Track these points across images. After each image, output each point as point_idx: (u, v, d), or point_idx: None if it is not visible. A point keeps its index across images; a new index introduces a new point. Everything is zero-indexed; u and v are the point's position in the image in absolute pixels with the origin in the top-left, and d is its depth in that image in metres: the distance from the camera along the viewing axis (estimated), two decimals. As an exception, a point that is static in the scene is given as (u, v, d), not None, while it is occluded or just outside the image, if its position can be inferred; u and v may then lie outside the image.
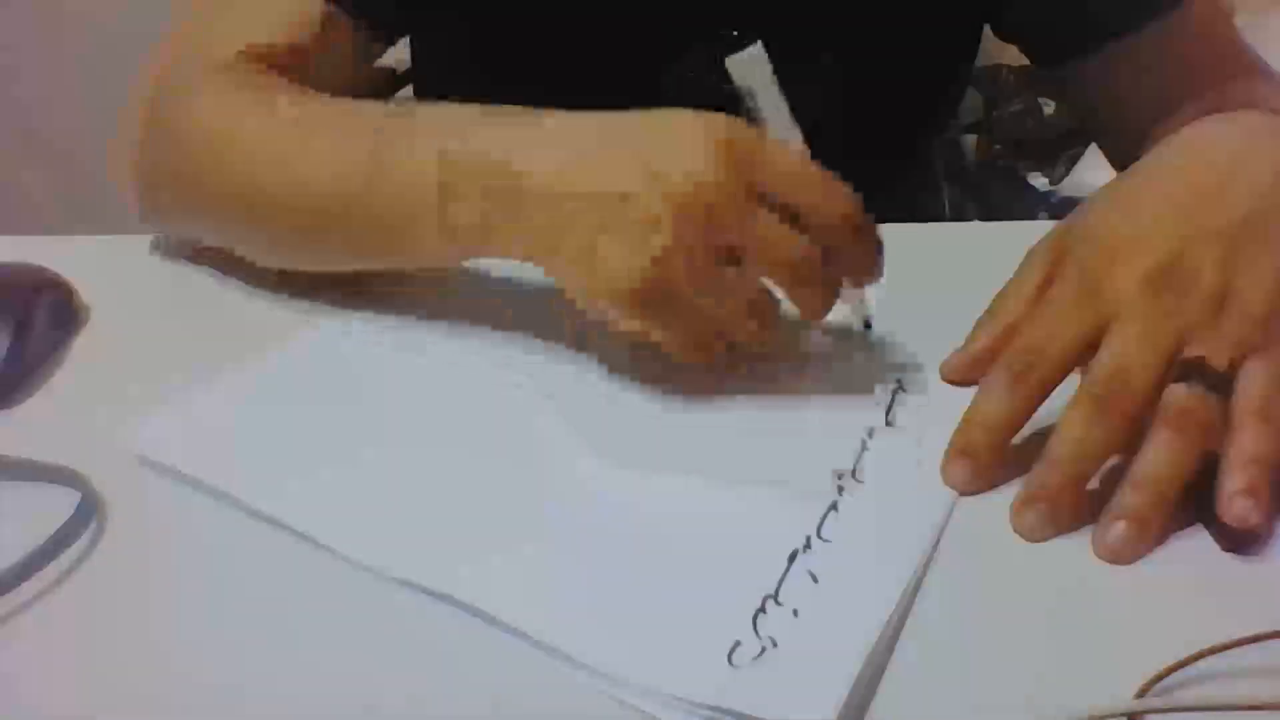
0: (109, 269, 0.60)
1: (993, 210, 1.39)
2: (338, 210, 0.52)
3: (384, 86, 0.93)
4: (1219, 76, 0.64)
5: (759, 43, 0.46)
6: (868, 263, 0.48)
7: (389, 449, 0.47)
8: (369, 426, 0.48)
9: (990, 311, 0.50)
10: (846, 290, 0.50)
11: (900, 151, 0.77)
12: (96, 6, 1.54)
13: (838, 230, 0.46)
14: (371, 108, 0.55)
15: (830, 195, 0.46)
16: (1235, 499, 0.40)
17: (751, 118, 0.47)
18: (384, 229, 0.51)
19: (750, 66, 0.46)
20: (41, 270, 0.56)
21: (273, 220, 0.55)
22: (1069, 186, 1.45)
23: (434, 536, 0.43)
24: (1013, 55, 0.73)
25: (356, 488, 0.45)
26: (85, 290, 0.58)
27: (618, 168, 0.46)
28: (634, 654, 0.37)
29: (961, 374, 0.50)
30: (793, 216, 0.46)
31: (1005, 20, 0.71)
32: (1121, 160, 0.51)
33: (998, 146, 1.53)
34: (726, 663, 0.37)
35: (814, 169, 0.46)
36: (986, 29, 0.74)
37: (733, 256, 0.46)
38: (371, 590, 0.41)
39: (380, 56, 0.70)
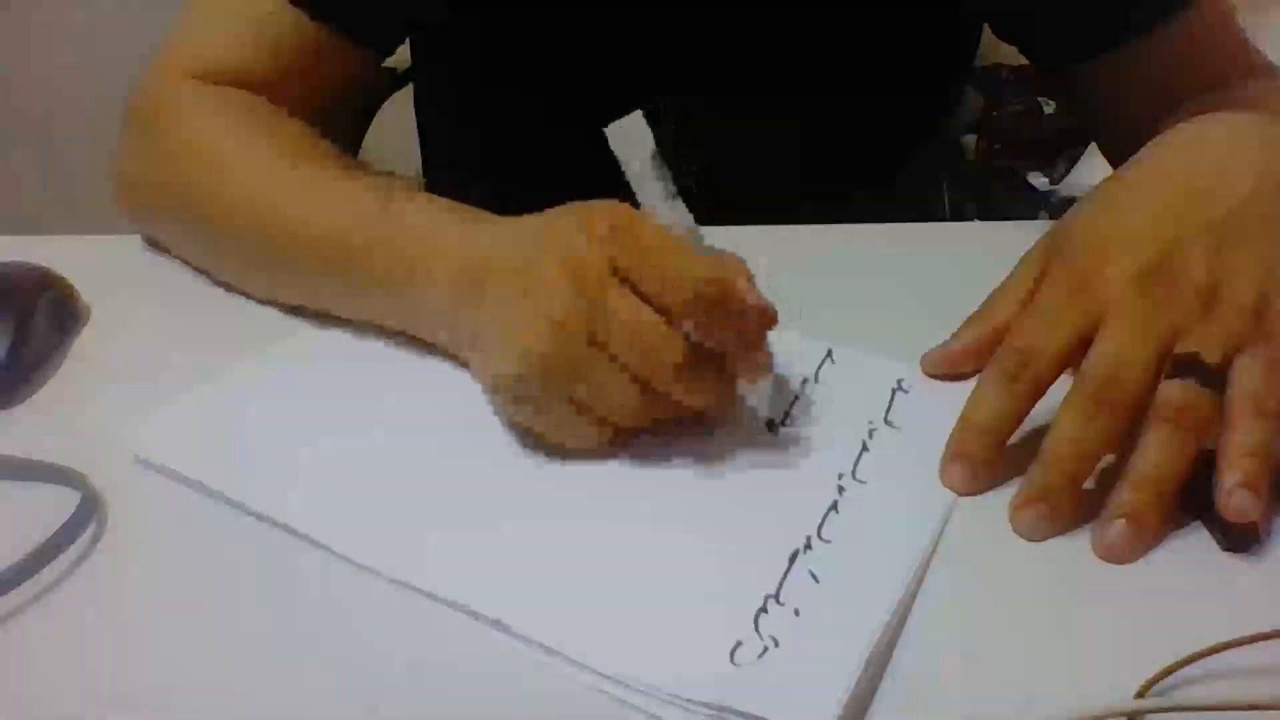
0: (109, 269, 0.60)
1: (993, 210, 1.39)
2: (333, 251, 0.53)
3: (383, 86, 0.93)
4: (1222, 77, 0.64)
5: (639, 112, 0.43)
6: (746, 357, 0.44)
7: (388, 450, 0.47)
8: (367, 427, 0.48)
9: (979, 311, 0.51)
10: (744, 386, 0.46)
11: (900, 151, 0.77)
12: (97, 8, 1.54)
13: (696, 309, 0.42)
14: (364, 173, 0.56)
15: (688, 277, 0.42)
16: (1233, 493, 0.41)
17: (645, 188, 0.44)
18: (381, 277, 0.51)
19: (628, 136, 0.43)
20: (41, 270, 0.56)
21: (256, 248, 0.56)
22: (1069, 186, 1.45)
23: (433, 538, 0.43)
24: (1013, 55, 0.73)
25: (356, 489, 0.45)
26: (85, 290, 0.58)
27: (514, 263, 0.45)
28: (636, 654, 0.37)
29: (939, 368, 0.51)
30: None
31: (1007, 21, 0.71)
32: (1121, 160, 0.51)
33: (998, 146, 1.53)
34: (729, 662, 0.37)
35: (675, 249, 0.43)
36: (986, 29, 0.74)
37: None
38: (371, 590, 0.41)
39: (377, 65, 0.70)
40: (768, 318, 0.44)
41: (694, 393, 0.44)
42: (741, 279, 0.44)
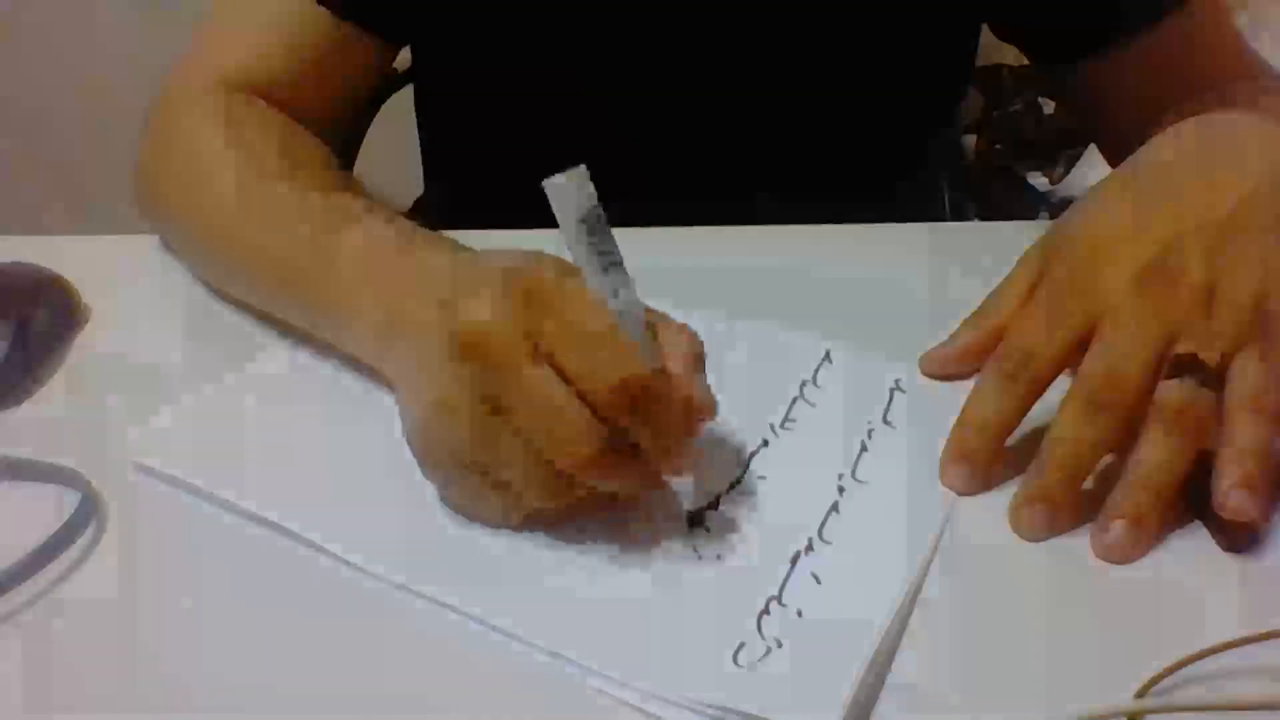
0: (109, 269, 0.60)
1: (993, 210, 1.39)
2: (280, 273, 0.52)
3: (384, 86, 0.93)
4: (1219, 77, 0.64)
5: (582, 167, 0.39)
6: (664, 452, 0.40)
7: (387, 454, 0.47)
8: (366, 431, 0.48)
9: (977, 312, 0.51)
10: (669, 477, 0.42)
11: (901, 151, 0.77)
12: (96, 10, 1.54)
13: (612, 405, 0.38)
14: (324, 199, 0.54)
15: (611, 367, 0.38)
16: (1232, 493, 0.41)
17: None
18: (319, 307, 0.51)
19: (566, 194, 0.39)
20: (41, 270, 0.57)
21: (222, 260, 0.57)
22: (1069, 186, 1.45)
23: (432, 542, 0.43)
24: (1013, 55, 0.73)
25: (355, 492, 0.45)
26: (85, 290, 0.58)
27: (426, 317, 0.42)
28: (639, 656, 0.37)
29: (938, 368, 0.51)
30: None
31: (1007, 20, 0.71)
32: (1121, 160, 0.51)
33: (998, 146, 1.53)
34: (732, 663, 0.37)
35: (603, 330, 0.38)
36: (986, 29, 0.74)
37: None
38: (370, 592, 0.41)
39: (391, 63, 0.71)
40: (702, 411, 0.40)
41: (610, 480, 0.40)
42: (678, 364, 0.40)
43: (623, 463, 0.40)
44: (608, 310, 0.39)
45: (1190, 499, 0.43)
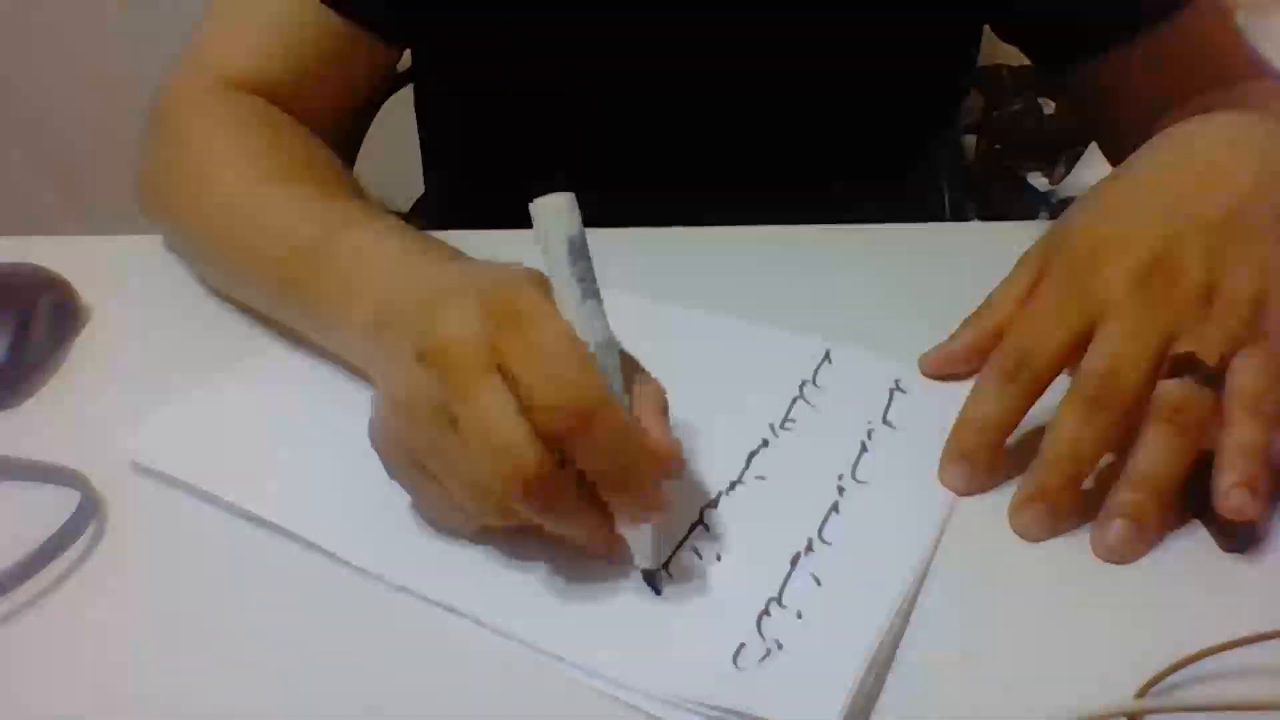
0: (109, 269, 0.60)
1: (993, 210, 1.39)
2: (278, 275, 0.52)
3: (385, 86, 0.93)
4: (1221, 77, 0.64)
5: (570, 194, 0.38)
6: (620, 496, 0.39)
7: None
8: (364, 432, 0.48)
9: (977, 312, 0.51)
10: (623, 526, 0.40)
11: (901, 152, 0.77)
12: (97, 10, 1.55)
13: (556, 425, 0.37)
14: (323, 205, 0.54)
15: (557, 381, 0.37)
16: (1231, 492, 0.41)
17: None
18: (314, 309, 0.50)
19: (548, 218, 0.38)
20: (41, 270, 0.57)
21: (223, 260, 0.57)
22: (1069, 186, 1.45)
23: (433, 543, 0.43)
24: (1013, 55, 0.73)
25: (355, 492, 0.45)
26: (85, 290, 0.58)
27: (409, 320, 0.41)
28: (639, 656, 0.37)
29: (938, 368, 0.51)
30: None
31: (1007, 20, 0.71)
32: (1121, 160, 0.51)
33: (998, 146, 1.53)
34: (732, 664, 0.37)
35: (565, 353, 0.37)
36: (987, 29, 0.74)
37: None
38: (371, 592, 0.41)
39: (393, 64, 0.71)
40: (665, 457, 0.39)
41: (550, 512, 0.38)
42: (646, 411, 0.40)
43: (564, 496, 0.38)
44: (572, 332, 0.38)
45: (1190, 499, 0.43)
